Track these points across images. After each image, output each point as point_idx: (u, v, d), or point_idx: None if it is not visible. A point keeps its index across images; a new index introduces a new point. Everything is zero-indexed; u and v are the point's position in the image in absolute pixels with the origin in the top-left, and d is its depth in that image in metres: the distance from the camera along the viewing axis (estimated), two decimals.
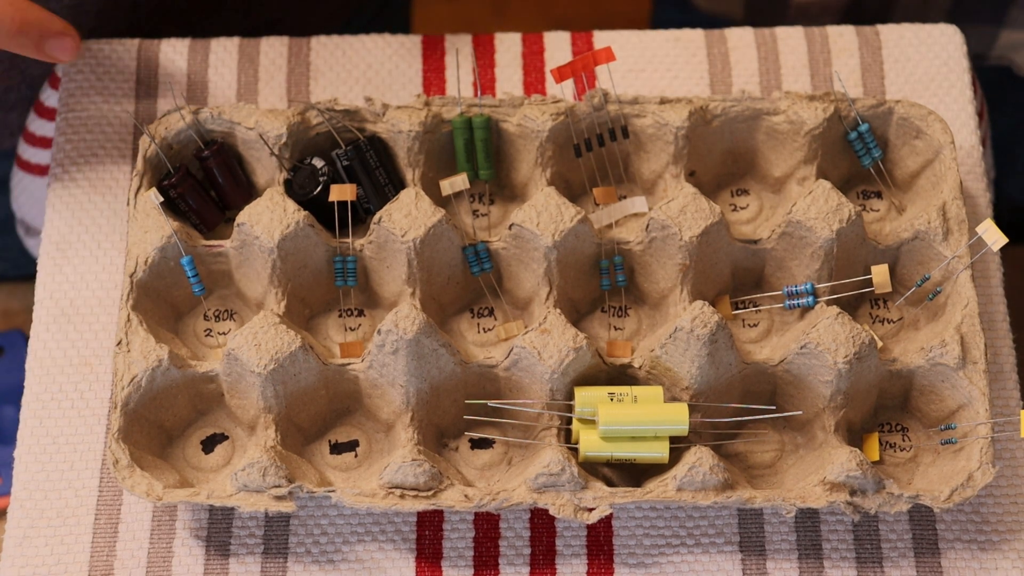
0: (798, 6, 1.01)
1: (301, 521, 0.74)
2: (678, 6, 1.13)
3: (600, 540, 0.74)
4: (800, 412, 0.73)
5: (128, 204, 0.76)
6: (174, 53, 0.85)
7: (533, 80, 0.85)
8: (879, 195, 0.80)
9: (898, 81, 0.84)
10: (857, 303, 0.77)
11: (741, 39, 0.85)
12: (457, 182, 0.75)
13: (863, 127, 0.77)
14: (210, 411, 0.75)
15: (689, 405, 0.72)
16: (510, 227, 0.75)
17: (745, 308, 0.77)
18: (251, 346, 0.71)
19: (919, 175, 0.78)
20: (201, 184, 0.76)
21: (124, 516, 0.74)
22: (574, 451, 0.71)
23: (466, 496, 0.70)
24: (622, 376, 0.74)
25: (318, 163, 0.76)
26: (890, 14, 0.99)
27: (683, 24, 0.88)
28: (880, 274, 0.75)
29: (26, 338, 0.90)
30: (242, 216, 0.74)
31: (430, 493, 0.70)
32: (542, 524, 0.74)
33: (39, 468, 0.75)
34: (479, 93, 0.81)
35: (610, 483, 0.73)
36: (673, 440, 0.71)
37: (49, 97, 0.84)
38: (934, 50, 0.85)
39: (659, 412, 0.70)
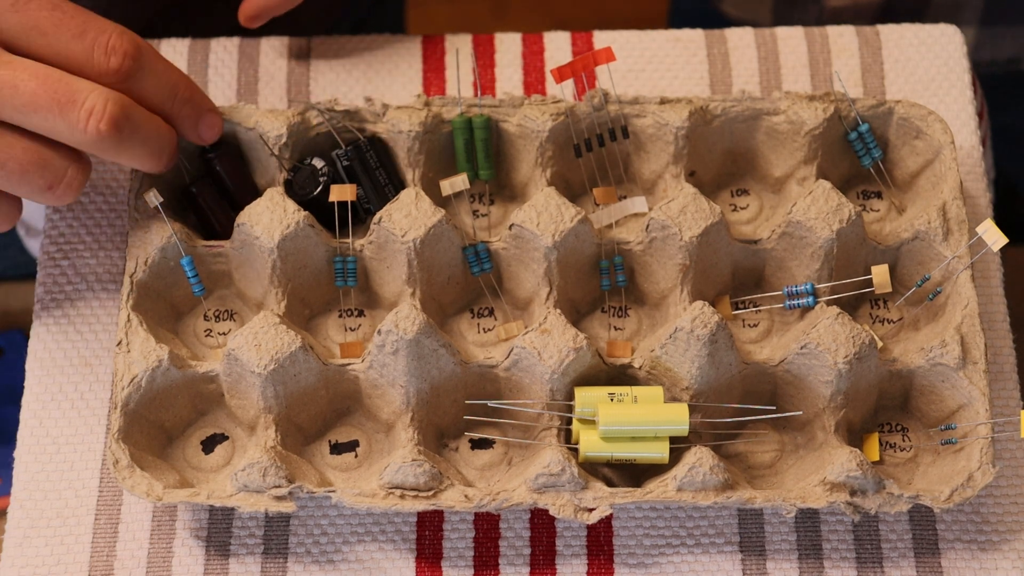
0: (831, 10, 1.01)
1: (301, 521, 0.74)
2: (696, 9, 1.13)
3: (600, 540, 0.74)
4: (800, 412, 0.73)
5: (128, 204, 0.76)
6: (174, 53, 0.85)
7: (533, 80, 0.85)
8: (879, 195, 0.80)
9: (898, 81, 0.84)
10: (857, 303, 0.77)
11: (741, 39, 0.85)
12: (457, 182, 0.75)
13: (863, 127, 0.77)
14: (210, 411, 0.75)
15: (689, 405, 0.72)
16: (510, 227, 0.75)
17: (745, 308, 0.77)
18: (251, 346, 0.71)
19: (919, 175, 0.78)
20: (219, 190, 0.76)
21: (124, 516, 0.74)
22: (574, 451, 0.71)
23: (466, 496, 0.70)
24: (622, 376, 0.74)
25: (318, 163, 0.76)
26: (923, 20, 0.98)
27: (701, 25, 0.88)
28: (880, 274, 0.75)
29: (26, 338, 0.90)
30: (242, 216, 0.74)
31: (430, 493, 0.70)
32: (542, 524, 0.74)
33: (39, 468, 0.75)
34: (479, 93, 0.81)
35: (610, 483, 0.73)
36: (673, 440, 0.71)
37: None
38: (934, 50, 0.85)
39: (659, 412, 0.70)
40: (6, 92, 0.67)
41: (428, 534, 0.74)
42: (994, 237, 0.72)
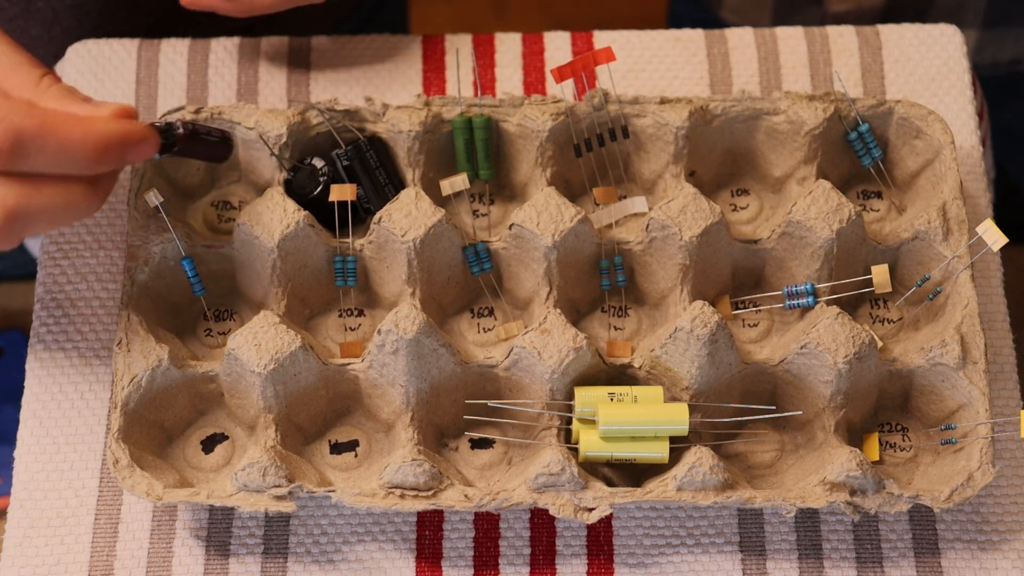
0: (833, 15, 1.01)
1: (301, 521, 0.74)
2: (694, 8, 1.13)
3: (600, 540, 0.74)
4: (800, 412, 0.73)
5: (128, 204, 0.76)
6: (174, 53, 0.85)
7: (533, 80, 0.85)
8: (879, 195, 0.80)
9: (898, 81, 0.84)
10: (857, 303, 0.77)
11: (741, 39, 0.85)
12: (457, 182, 0.75)
13: (863, 127, 0.77)
14: (210, 411, 0.75)
15: (689, 405, 0.72)
16: (510, 227, 0.75)
17: (745, 308, 0.77)
18: (251, 346, 0.71)
19: (919, 175, 0.78)
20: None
21: (124, 516, 0.74)
22: (574, 451, 0.71)
23: (466, 496, 0.70)
24: (622, 376, 0.74)
25: (318, 163, 0.76)
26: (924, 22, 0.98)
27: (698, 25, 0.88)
28: (880, 274, 0.75)
29: (26, 338, 0.90)
30: (242, 216, 0.74)
31: (430, 493, 0.70)
32: (542, 524, 0.74)
33: (39, 468, 0.75)
34: (479, 93, 0.81)
35: (610, 483, 0.73)
36: (673, 440, 0.71)
37: None
38: (934, 50, 0.85)
39: (659, 412, 0.70)
40: None
41: (428, 534, 0.74)
42: (994, 237, 0.72)
